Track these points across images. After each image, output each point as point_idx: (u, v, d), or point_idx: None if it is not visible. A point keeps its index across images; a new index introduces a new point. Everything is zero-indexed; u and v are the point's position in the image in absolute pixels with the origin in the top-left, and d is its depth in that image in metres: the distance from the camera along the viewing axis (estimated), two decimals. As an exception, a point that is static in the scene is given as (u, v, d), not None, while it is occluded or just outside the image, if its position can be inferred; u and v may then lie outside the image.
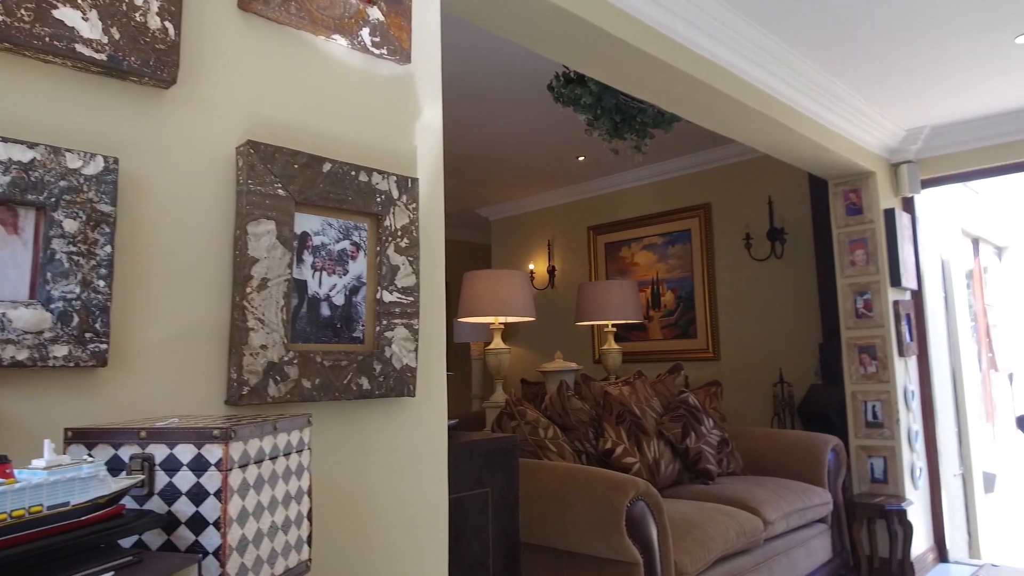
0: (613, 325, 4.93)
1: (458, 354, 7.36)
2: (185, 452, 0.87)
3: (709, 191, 5.42)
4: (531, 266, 6.49)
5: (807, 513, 3.41)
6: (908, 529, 3.68)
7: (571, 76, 3.15)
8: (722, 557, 2.87)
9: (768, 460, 3.82)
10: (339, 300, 1.32)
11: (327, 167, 1.31)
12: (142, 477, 0.86)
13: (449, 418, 2.13)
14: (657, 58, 2.57)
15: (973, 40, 3.10)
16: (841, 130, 3.81)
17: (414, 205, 1.43)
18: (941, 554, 4.14)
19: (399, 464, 1.39)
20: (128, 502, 0.88)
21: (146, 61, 1.12)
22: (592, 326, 5.84)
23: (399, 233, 1.39)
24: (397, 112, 1.48)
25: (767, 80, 3.16)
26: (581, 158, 5.38)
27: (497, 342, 3.87)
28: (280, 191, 1.24)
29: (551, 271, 6.35)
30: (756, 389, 4.98)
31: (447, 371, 1.53)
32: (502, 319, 3.85)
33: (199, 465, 0.87)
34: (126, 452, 0.89)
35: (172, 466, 0.88)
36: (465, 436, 1.93)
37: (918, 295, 4.29)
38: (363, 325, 1.34)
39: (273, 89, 1.29)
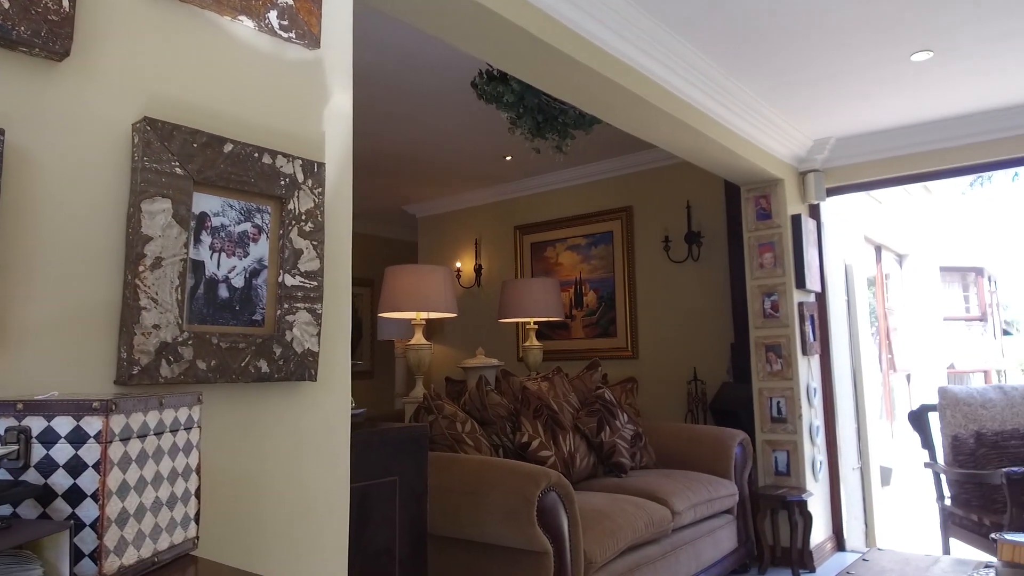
0: (535, 323, 5.00)
1: (383, 352, 7.32)
2: (63, 424, 0.86)
3: (631, 195, 5.57)
4: (458, 264, 6.51)
5: (714, 504, 3.55)
6: (808, 519, 3.88)
7: (494, 74, 3.20)
8: (631, 547, 2.96)
9: (679, 454, 3.96)
10: (238, 282, 1.31)
11: (229, 148, 1.30)
12: (16, 447, 0.85)
13: (365, 413, 2.13)
14: (575, 59, 2.64)
15: (873, 56, 3.30)
16: (752, 138, 3.98)
17: (320, 190, 1.44)
18: (839, 543, 4.37)
19: (299, 449, 1.40)
20: (3, 475, 0.86)
21: (37, 32, 1.09)
22: (516, 324, 5.90)
23: (303, 217, 1.39)
24: (305, 97, 1.48)
25: (681, 86, 3.28)
26: (508, 158, 5.43)
27: (418, 338, 3.88)
28: (178, 170, 1.23)
29: (478, 269, 6.38)
30: (672, 386, 5.14)
31: (355, 360, 1.54)
32: (424, 315, 3.85)
33: (77, 437, 0.86)
34: (1, 425, 0.87)
35: (50, 438, 0.86)
36: (374, 425, 1.94)
37: (822, 297, 4.52)
38: (263, 308, 1.34)
39: (174, 67, 1.28)
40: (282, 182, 1.37)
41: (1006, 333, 10.25)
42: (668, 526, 3.16)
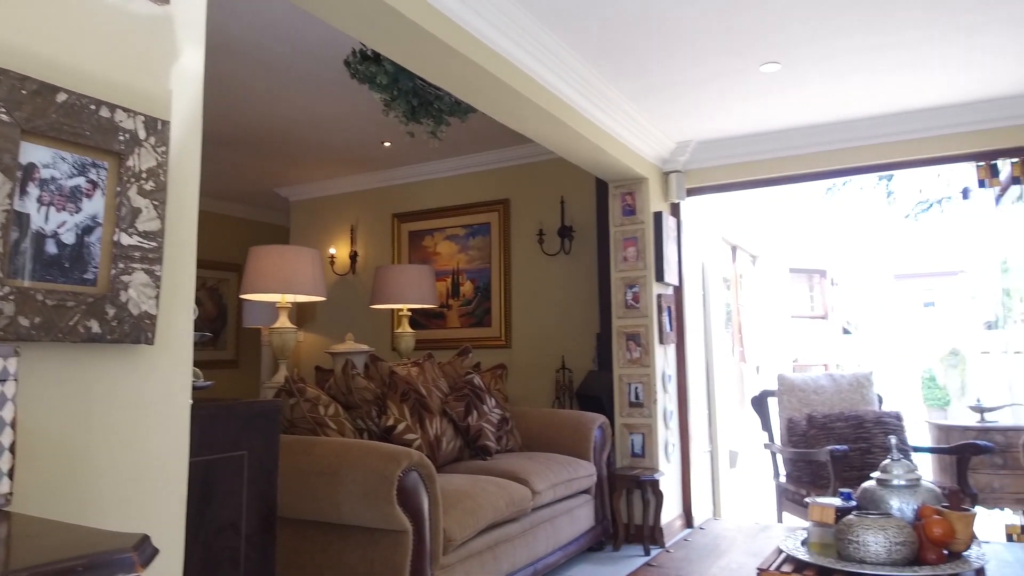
0: (409, 310, 5.00)
1: (249, 340, 7.05)
2: None
3: (509, 187, 5.67)
4: (332, 250, 6.38)
5: (573, 484, 3.70)
6: (660, 498, 4.12)
7: (368, 54, 3.17)
8: (492, 525, 3.03)
9: (544, 437, 4.09)
10: (69, 239, 1.25)
11: (63, 97, 1.23)
12: None
13: (214, 387, 2.07)
14: (447, 44, 2.66)
15: (726, 65, 3.54)
16: (620, 137, 4.17)
17: (163, 148, 1.39)
18: (688, 520, 4.67)
19: (133, 414, 1.35)
20: None
21: None
22: (391, 313, 5.86)
23: (144, 175, 1.34)
24: (151, 52, 1.43)
25: (553, 81, 3.39)
26: (387, 143, 5.39)
27: (283, 321, 3.78)
28: (3, 116, 1.15)
29: (353, 256, 6.28)
30: (541, 374, 5.29)
31: (204, 332, 1.50)
32: (290, 298, 3.76)
33: None
34: None
35: None
36: (223, 399, 1.89)
37: (679, 291, 4.80)
38: (96, 267, 1.28)
39: (5, 8, 1.20)
40: (121, 137, 1.31)
41: (845, 332, 11.26)
42: (528, 505, 3.26)
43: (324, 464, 2.67)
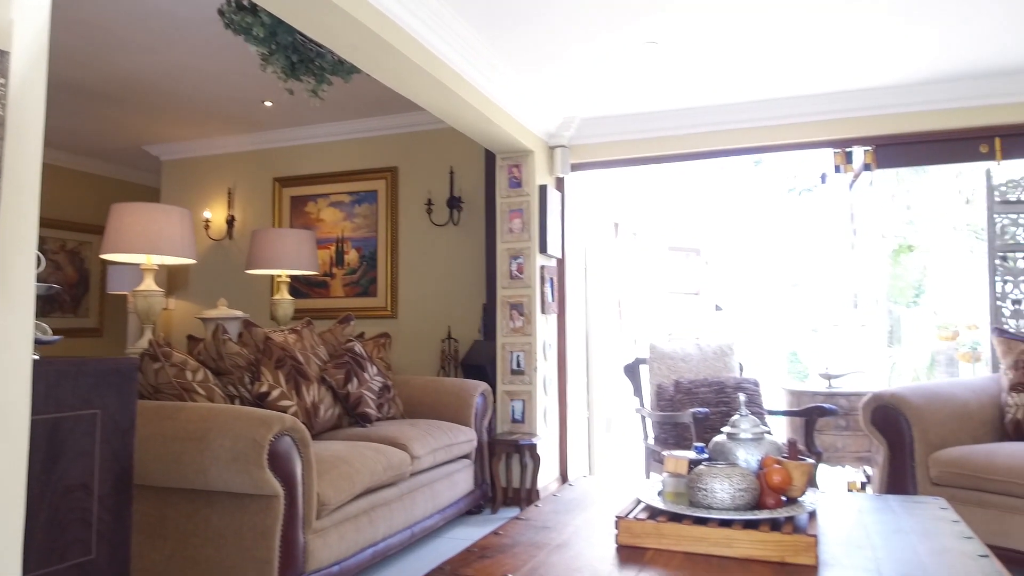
0: (289, 277, 4.85)
1: (113, 306, 6.63)
2: None
3: (397, 155, 5.59)
4: (207, 214, 6.08)
5: (453, 449, 3.75)
6: (537, 461, 4.25)
7: (243, 3, 3.02)
8: (369, 489, 3.03)
9: (426, 405, 4.11)
10: None
11: None
12: None
13: (62, 341, 1.94)
14: (327, -1, 2.58)
15: (610, 41, 3.63)
16: (506, 108, 4.20)
17: (2, 80, 1.28)
18: (564, 482, 4.84)
19: (-37, 365, 1.25)
20: None
21: None
22: (270, 280, 5.67)
23: (-25, 107, 1.24)
24: (-16, -27, 1.31)
25: (440, 46, 3.36)
26: (268, 103, 5.17)
27: (148, 284, 3.58)
28: None
29: (230, 221, 6.02)
30: (427, 344, 5.30)
31: (52, 284, 1.41)
32: (156, 259, 3.56)
33: None
34: None
35: None
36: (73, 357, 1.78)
37: (562, 263, 4.93)
38: (-84, 203, 1.17)
39: None
40: (-53, 63, 1.20)
41: (717, 308, 11.92)
42: (407, 470, 3.29)
43: (191, 429, 2.58)
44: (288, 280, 4.73)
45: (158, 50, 4.12)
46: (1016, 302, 4.04)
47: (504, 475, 4.37)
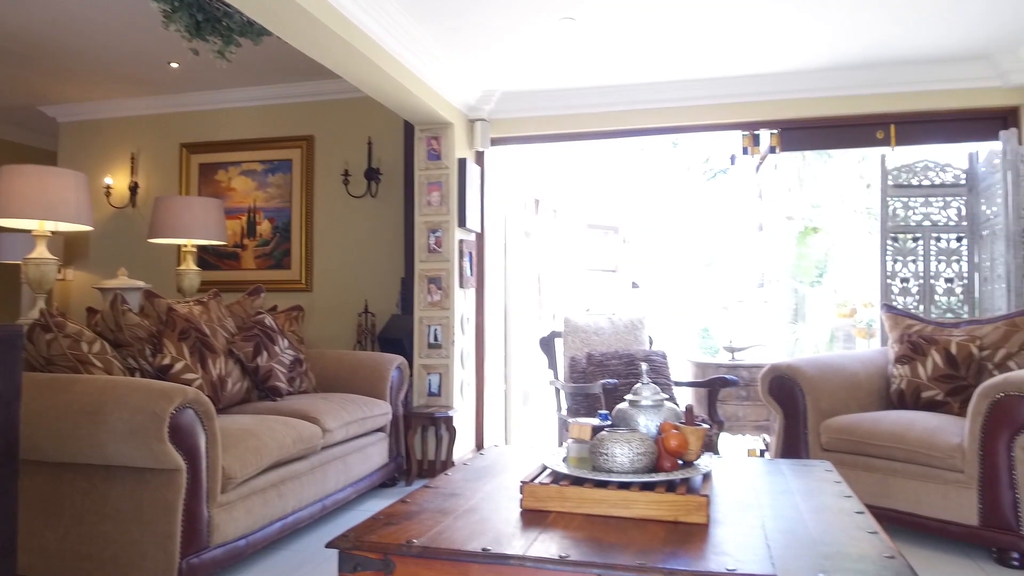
0: (196, 248, 4.67)
1: (5, 277, 6.23)
2: None
3: (313, 124, 5.44)
4: (109, 180, 5.77)
5: (367, 423, 3.73)
6: (452, 433, 4.28)
7: (142, -44, 2.86)
8: (278, 463, 2.98)
9: (341, 379, 4.06)
10: None
11: None
12: None
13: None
14: (234, -46, 2.48)
15: (529, 15, 3.62)
16: (426, 79, 4.14)
17: None
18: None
19: None
20: None
21: None
22: (176, 250, 5.44)
23: None
24: None
25: (356, 12, 3.28)
26: (174, 65, 4.92)
27: (40, 251, 3.38)
28: None
29: (133, 188, 5.73)
30: (343, 318, 5.23)
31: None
32: (49, 225, 3.37)
33: None
34: None
35: None
36: (-52, 323, 1.67)
37: (481, 238, 4.94)
38: None
39: None
40: None
41: (634, 286, 12.23)
42: (318, 443, 3.25)
43: (86, 402, 2.47)
44: (195, 251, 4.56)
45: (54, 1, 3.85)
46: (904, 280, 4.32)
47: (420, 448, 4.38)
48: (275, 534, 2.95)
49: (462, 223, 4.57)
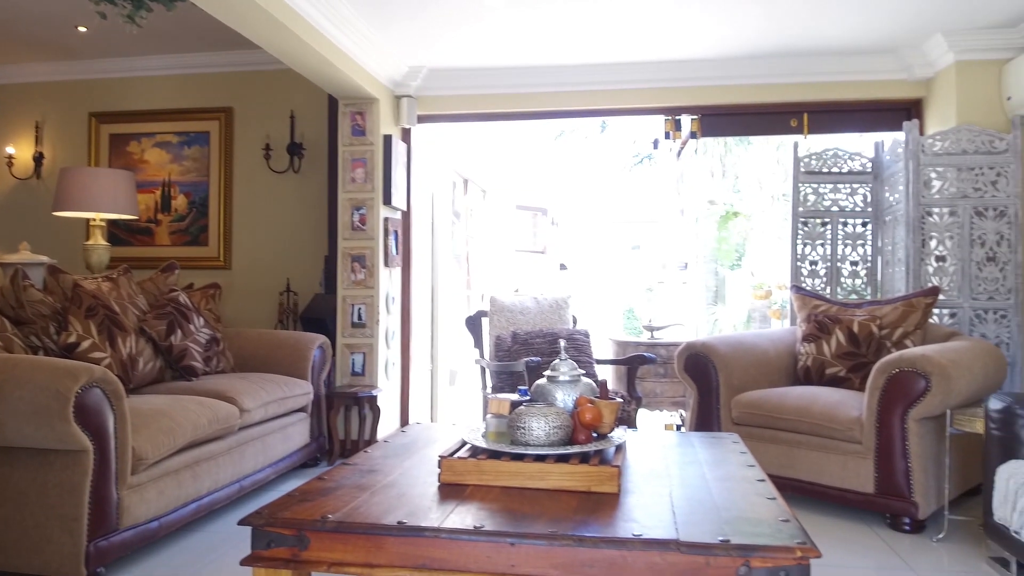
0: (107, 222, 4.47)
1: None
2: None
3: (232, 95, 5.26)
4: (10, 149, 5.43)
5: (287, 403, 3.67)
6: (377, 413, 4.26)
7: (42, -91, 2.69)
8: (192, 443, 2.91)
9: (260, 358, 3.98)
10: None
11: None
12: None
13: None
14: (142, -88, 2.36)
15: (454, -8, 3.59)
16: (351, 53, 4.06)
17: None
18: (406, 436, 4.90)
19: None
20: None
21: None
22: (84, 224, 5.18)
23: None
24: None
25: (275, -21, 3.18)
26: (82, 28, 4.66)
27: (-69, 221, 3.16)
28: None
29: (38, 158, 5.41)
30: (264, 297, 5.10)
31: None
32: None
33: None
34: None
35: None
36: None
37: (407, 216, 4.90)
38: None
39: None
40: None
41: (562, 267, 12.37)
42: (235, 423, 3.18)
43: (-20, 382, 2.34)
44: (104, 225, 4.36)
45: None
46: (813, 263, 4.52)
47: (343, 428, 4.34)
48: (190, 515, 2.89)
49: (387, 201, 4.52)
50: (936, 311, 3.96)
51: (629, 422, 3.75)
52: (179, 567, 2.67)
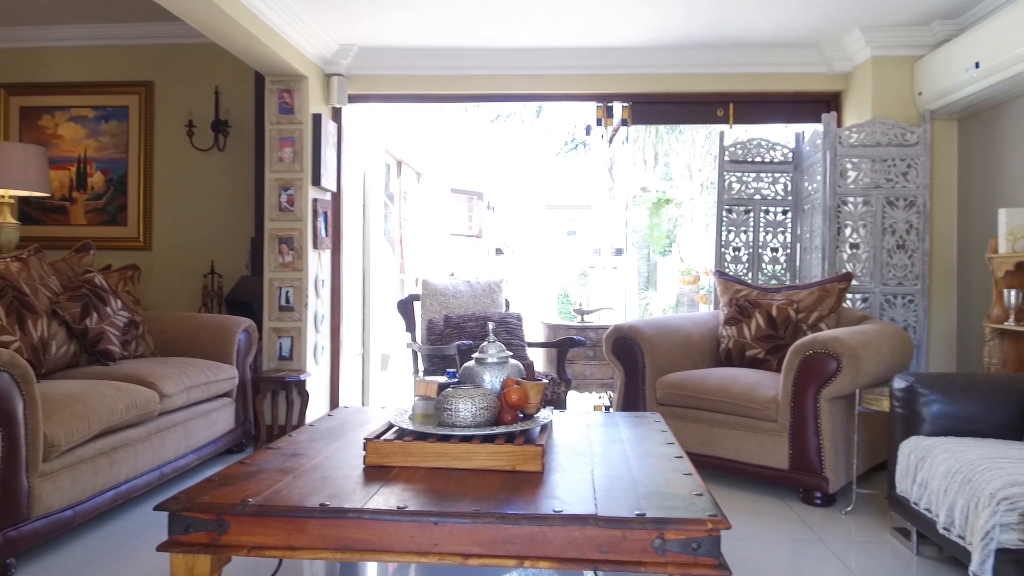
0: (16, 199, 4.23)
1: None
2: None
3: (152, 69, 5.04)
4: (-94, 120, 5.07)
5: (211, 388, 3.58)
6: (305, 398, 4.20)
7: None
8: (109, 429, 2.81)
9: (182, 342, 3.86)
10: None
11: None
12: None
13: None
14: None
15: (385, -30, 3.53)
16: (278, 28, 3.95)
17: None
18: (336, 420, 4.85)
19: None
20: None
21: None
22: (-8, 201, 4.89)
23: None
24: None
25: (196, -52, 3.06)
26: (-14, -7, 4.37)
27: None
28: None
29: (-62, 131, 5.07)
30: (187, 279, 4.93)
31: None
32: None
33: None
34: None
35: None
36: None
37: (337, 197, 4.81)
38: None
39: None
40: None
41: (499, 252, 12.40)
42: (154, 409, 3.09)
43: None
44: (13, 202, 4.12)
45: None
46: (736, 249, 4.67)
47: (270, 413, 4.26)
48: (108, 503, 2.79)
49: (316, 181, 4.43)
50: (849, 296, 4.15)
51: (559, 403, 3.82)
52: (95, 556, 2.59)
